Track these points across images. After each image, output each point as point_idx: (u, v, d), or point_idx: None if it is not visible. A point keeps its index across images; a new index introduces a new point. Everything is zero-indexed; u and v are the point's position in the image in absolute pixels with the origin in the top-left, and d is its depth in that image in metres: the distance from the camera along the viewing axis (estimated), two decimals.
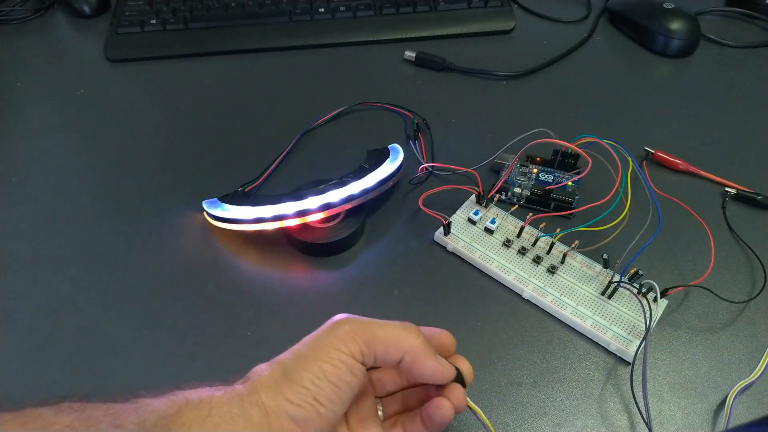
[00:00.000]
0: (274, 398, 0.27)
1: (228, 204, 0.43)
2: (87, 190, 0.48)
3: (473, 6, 0.64)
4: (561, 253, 0.41)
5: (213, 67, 0.60)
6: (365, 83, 0.58)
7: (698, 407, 0.35)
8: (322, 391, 0.27)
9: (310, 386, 0.27)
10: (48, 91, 0.58)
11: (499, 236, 0.43)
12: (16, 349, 0.38)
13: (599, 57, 0.61)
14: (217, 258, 0.43)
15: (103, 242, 0.44)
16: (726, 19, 0.66)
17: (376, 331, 0.29)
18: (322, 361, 0.28)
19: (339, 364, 0.28)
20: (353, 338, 0.29)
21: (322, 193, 0.41)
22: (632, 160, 0.40)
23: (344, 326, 0.29)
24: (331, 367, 0.28)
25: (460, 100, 0.56)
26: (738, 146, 0.51)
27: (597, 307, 0.39)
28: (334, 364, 0.28)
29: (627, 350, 0.36)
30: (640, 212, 0.40)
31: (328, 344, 0.28)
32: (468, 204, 0.45)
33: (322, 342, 0.29)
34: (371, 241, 0.44)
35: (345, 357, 0.28)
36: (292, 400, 0.27)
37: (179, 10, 0.64)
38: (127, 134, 0.53)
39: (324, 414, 0.27)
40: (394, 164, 0.45)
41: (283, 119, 0.54)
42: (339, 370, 0.28)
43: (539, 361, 0.37)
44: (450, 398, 0.30)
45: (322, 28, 0.63)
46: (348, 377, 0.28)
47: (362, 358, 0.29)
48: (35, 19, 0.67)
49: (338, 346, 0.28)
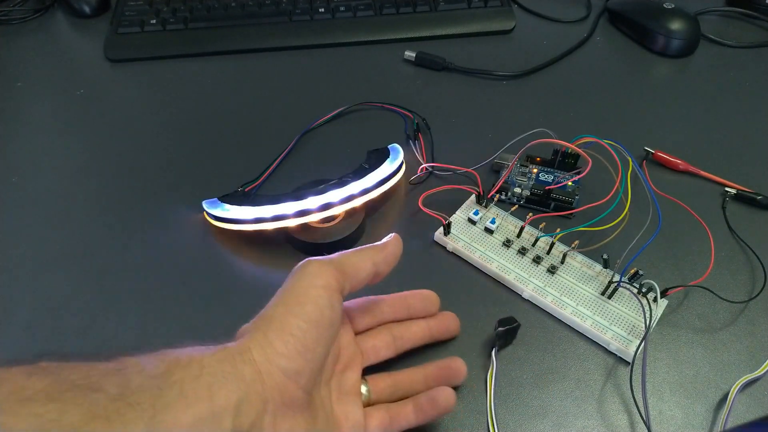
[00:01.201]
0: (265, 353, 0.27)
1: (228, 204, 0.43)
2: (87, 190, 0.48)
3: (473, 6, 0.64)
4: (561, 253, 0.41)
5: (213, 67, 0.60)
6: (365, 83, 0.58)
7: (698, 407, 0.35)
8: (308, 334, 0.27)
9: (296, 332, 0.27)
10: (48, 91, 0.58)
11: (499, 236, 0.43)
12: (16, 349, 0.38)
13: (599, 57, 0.61)
14: (217, 258, 0.43)
15: (103, 242, 0.44)
16: (726, 19, 0.66)
17: (341, 257, 0.31)
18: (302, 303, 0.28)
19: (318, 300, 0.28)
20: (324, 270, 0.29)
21: (322, 193, 0.41)
22: (632, 160, 0.40)
23: (312, 264, 0.30)
24: (312, 306, 0.28)
25: (460, 100, 0.56)
26: (738, 146, 0.51)
27: (597, 307, 0.39)
28: (314, 302, 0.28)
29: (627, 350, 0.36)
30: (640, 212, 0.40)
31: (305, 284, 0.29)
32: (468, 204, 0.45)
33: (298, 284, 0.29)
34: (371, 241, 0.44)
35: (322, 291, 0.29)
36: (281, 352, 0.27)
37: (179, 10, 0.64)
38: (127, 134, 0.53)
39: (311, 361, 0.28)
40: (394, 164, 0.45)
41: (283, 119, 0.54)
42: (319, 306, 0.28)
43: (539, 361, 0.37)
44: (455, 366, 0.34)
45: (322, 28, 0.63)
46: (327, 312, 0.28)
47: (337, 284, 0.29)
48: (35, 19, 0.67)
49: (314, 282, 0.29)
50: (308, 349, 0.27)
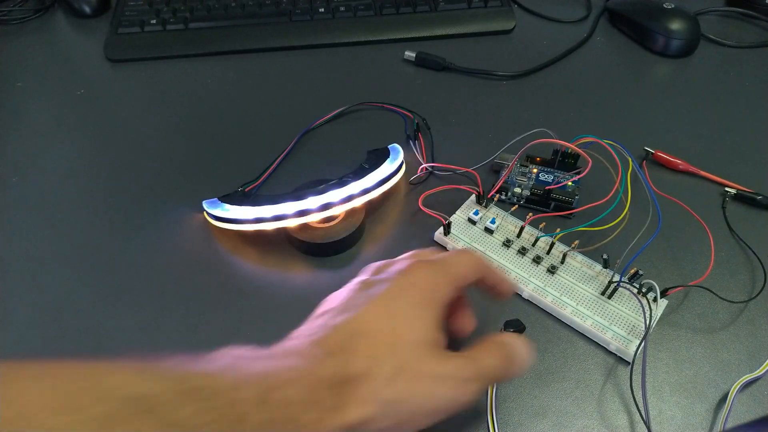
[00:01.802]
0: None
1: (228, 204, 0.43)
2: (87, 190, 0.48)
3: (473, 6, 0.64)
4: (561, 253, 0.41)
5: (213, 67, 0.60)
6: (365, 83, 0.58)
7: (698, 407, 0.35)
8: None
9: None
10: (48, 91, 0.58)
11: (499, 236, 0.43)
12: (16, 349, 0.38)
13: (599, 57, 0.61)
14: (217, 258, 0.43)
15: (102, 242, 0.44)
16: (726, 19, 0.66)
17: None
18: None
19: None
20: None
21: (322, 193, 0.41)
22: (632, 160, 0.40)
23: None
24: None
25: (460, 100, 0.56)
26: (738, 146, 0.51)
27: (597, 307, 0.39)
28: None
29: (627, 350, 0.36)
30: (640, 212, 0.40)
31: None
32: (468, 204, 0.45)
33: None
34: (371, 241, 0.44)
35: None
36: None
37: (179, 10, 0.64)
38: (127, 134, 0.53)
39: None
40: (394, 164, 0.45)
41: (283, 119, 0.54)
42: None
43: (539, 361, 0.37)
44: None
45: (322, 28, 0.63)
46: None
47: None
48: (35, 19, 0.67)
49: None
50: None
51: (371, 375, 0.25)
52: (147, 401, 0.20)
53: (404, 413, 0.25)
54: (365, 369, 0.25)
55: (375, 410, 0.24)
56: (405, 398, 0.25)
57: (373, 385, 0.25)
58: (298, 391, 0.23)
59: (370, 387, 0.25)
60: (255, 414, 0.22)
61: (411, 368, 0.26)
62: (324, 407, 0.24)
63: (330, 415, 0.24)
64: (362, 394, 0.24)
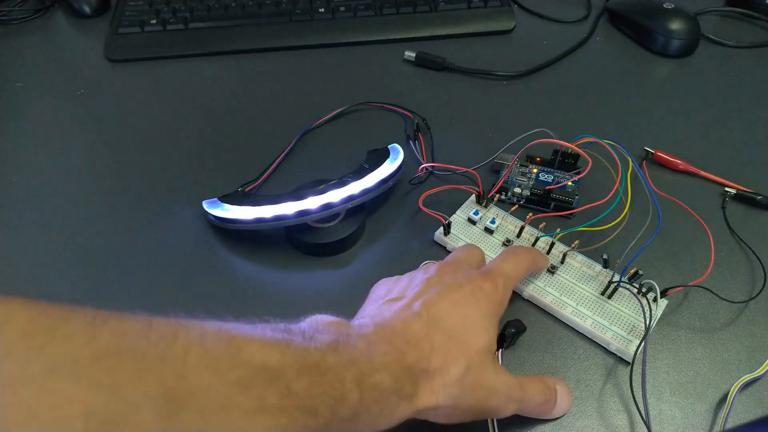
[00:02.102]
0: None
1: (228, 204, 0.43)
2: (87, 190, 0.48)
3: (473, 6, 0.64)
4: (561, 253, 0.41)
5: (213, 67, 0.60)
6: (365, 83, 0.58)
7: (698, 407, 0.35)
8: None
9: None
10: (48, 91, 0.58)
11: (499, 236, 0.43)
12: None
13: (599, 57, 0.61)
14: (217, 258, 0.43)
15: (102, 242, 0.44)
16: (726, 19, 0.66)
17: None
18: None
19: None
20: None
21: (322, 193, 0.41)
22: (632, 160, 0.40)
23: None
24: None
25: (460, 100, 0.56)
26: (738, 146, 0.51)
27: (597, 307, 0.39)
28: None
29: (627, 350, 0.36)
30: (640, 212, 0.40)
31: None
32: (468, 204, 0.45)
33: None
34: (371, 241, 0.44)
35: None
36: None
37: (179, 10, 0.64)
38: (127, 134, 0.53)
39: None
40: (394, 164, 0.45)
41: (283, 119, 0.54)
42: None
43: (539, 361, 0.37)
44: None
45: (322, 28, 0.63)
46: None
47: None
48: (35, 19, 0.67)
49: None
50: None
51: (445, 371, 0.28)
52: (273, 371, 0.23)
53: (460, 408, 0.29)
54: (440, 364, 0.28)
55: (441, 401, 0.28)
56: (465, 397, 0.29)
57: (445, 379, 0.28)
58: (387, 378, 0.26)
59: (442, 380, 0.28)
60: (352, 393, 0.25)
61: (475, 373, 0.29)
62: (404, 393, 0.27)
63: (407, 401, 0.27)
64: (435, 386, 0.28)
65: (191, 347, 0.21)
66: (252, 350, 0.23)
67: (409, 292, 0.32)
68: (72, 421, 0.17)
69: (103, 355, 0.19)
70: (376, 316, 0.31)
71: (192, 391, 0.20)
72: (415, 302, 0.31)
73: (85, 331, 0.20)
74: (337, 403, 0.24)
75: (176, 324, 0.22)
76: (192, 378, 0.20)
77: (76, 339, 0.19)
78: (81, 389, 0.18)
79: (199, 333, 0.22)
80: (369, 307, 0.33)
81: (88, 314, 0.21)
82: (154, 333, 0.21)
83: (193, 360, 0.21)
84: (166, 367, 0.20)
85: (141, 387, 0.19)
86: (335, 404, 0.24)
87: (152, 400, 0.19)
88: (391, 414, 0.27)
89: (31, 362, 0.18)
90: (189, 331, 0.22)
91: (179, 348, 0.21)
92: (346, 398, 0.24)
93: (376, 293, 0.35)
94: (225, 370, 0.21)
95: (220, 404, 0.20)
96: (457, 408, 0.29)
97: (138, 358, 0.20)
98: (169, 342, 0.21)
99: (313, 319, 0.28)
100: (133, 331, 0.21)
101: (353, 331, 0.28)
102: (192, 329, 0.22)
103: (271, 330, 0.25)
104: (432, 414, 0.29)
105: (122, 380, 0.19)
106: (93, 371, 0.18)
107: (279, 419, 0.22)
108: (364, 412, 0.25)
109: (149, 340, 0.21)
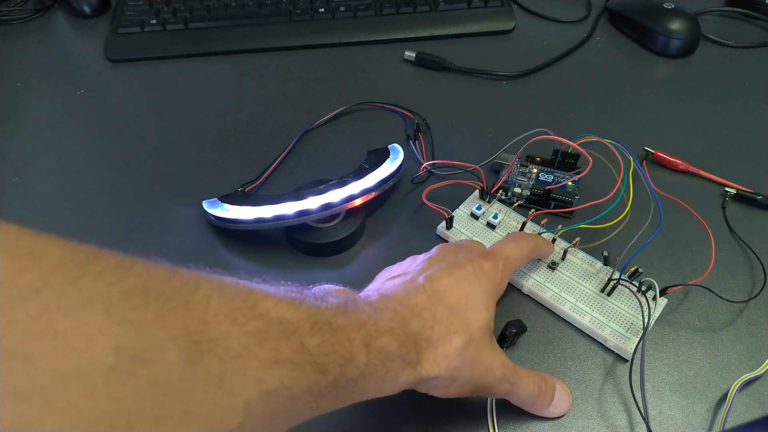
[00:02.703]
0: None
1: (228, 204, 0.43)
2: (87, 190, 0.48)
3: (473, 6, 0.64)
4: (562, 250, 0.41)
5: (213, 67, 0.60)
6: (365, 83, 0.58)
7: (698, 407, 0.35)
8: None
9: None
10: (48, 91, 0.58)
11: (501, 231, 0.43)
12: None
13: (599, 57, 0.61)
14: (217, 258, 0.43)
15: (102, 242, 0.44)
16: (726, 19, 0.66)
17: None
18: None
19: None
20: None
21: (322, 193, 0.41)
22: (633, 158, 0.40)
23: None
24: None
25: (460, 100, 0.56)
26: (738, 146, 0.51)
27: (596, 304, 0.39)
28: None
29: (624, 347, 0.36)
30: (641, 211, 0.40)
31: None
32: (471, 199, 0.45)
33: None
34: (371, 241, 0.44)
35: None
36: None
37: (179, 10, 0.64)
38: (127, 134, 0.53)
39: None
40: (394, 164, 0.45)
41: (283, 119, 0.54)
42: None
43: (539, 360, 0.37)
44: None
45: (322, 28, 0.63)
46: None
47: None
48: (35, 19, 0.67)
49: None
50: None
51: (447, 342, 0.29)
52: (288, 325, 0.23)
53: (458, 381, 0.29)
54: (443, 335, 0.29)
55: (442, 371, 0.28)
56: (465, 369, 0.29)
57: (447, 349, 0.29)
58: (392, 342, 0.27)
59: (444, 351, 0.29)
60: (360, 354, 0.25)
61: (475, 347, 0.30)
62: (408, 359, 0.27)
63: (411, 367, 0.27)
64: (437, 355, 0.28)
65: (213, 295, 0.22)
66: (269, 304, 0.23)
67: (413, 269, 0.33)
68: (104, 354, 0.17)
69: (133, 293, 0.19)
70: (380, 288, 0.31)
71: (213, 336, 0.20)
72: (418, 277, 0.31)
73: (116, 269, 0.20)
74: (346, 362, 0.24)
75: (197, 274, 0.23)
76: (213, 324, 0.21)
77: (107, 276, 0.19)
78: (112, 324, 0.18)
79: (218, 284, 0.23)
80: (373, 285, 0.34)
81: (117, 255, 0.21)
82: (178, 279, 0.21)
83: (214, 308, 0.21)
84: (190, 311, 0.20)
85: (167, 328, 0.19)
86: (344, 363, 0.24)
87: (177, 341, 0.19)
88: (396, 378, 0.27)
89: (67, 294, 0.18)
90: (210, 281, 0.23)
91: (201, 295, 0.21)
92: (354, 358, 0.25)
93: (380, 276, 0.36)
94: (244, 321, 0.22)
95: (238, 352, 0.21)
96: (456, 380, 0.29)
97: (164, 300, 0.20)
98: (192, 289, 0.21)
99: (320, 287, 0.29)
100: (159, 275, 0.21)
101: (359, 298, 0.29)
102: (212, 280, 0.23)
103: (284, 289, 0.25)
104: (432, 385, 0.29)
105: (150, 319, 0.19)
106: (123, 308, 0.19)
107: (291, 372, 0.22)
108: (371, 374, 0.26)
109: (174, 285, 0.21)
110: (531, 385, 0.33)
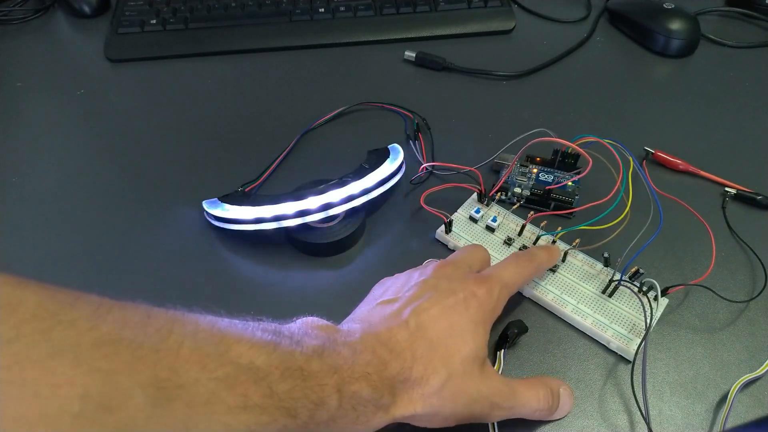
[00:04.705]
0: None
1: (228, 204, 0.42)
2: (87, 190, 0.48)
3: (473, 6, 0.64)
4: (562, 252, 0.41)
5: (213, 67, 0.60)
6: (365, 83, 0.58)
7: (698, 407, 0.35)
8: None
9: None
10: (48, 91, 0.58)
11: (500, 234, 0.43)
12: None
13: (599, 57, 0.61)
14: (217, 258, 0.43)
15: (102, 242, 0.44)
16: (726, 19, 0.66)
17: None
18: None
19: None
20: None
21: (322, 193, 0.41)
22: (633, 159, 0.40)
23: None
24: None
25: (460, 100, 0.56)
26: (738, 146, 0.51)
27: (597, 306, 0.39)
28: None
29: (627, 348, 0.36)
30: (641, 212, 0.40)
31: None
32: (470, 202, 0.45)
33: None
34: (371, 241, 0.44)
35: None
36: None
37: (179, 10, 0.64)
38: (127, 134, 0.53)
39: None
40: (394, 164, 0.45)
41: (283, 119, 0.54)
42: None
43: (540, 361, 0.37)
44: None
45: (322, 28, 0.63)
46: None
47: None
48: (35, 19, 0.67)
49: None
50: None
51: (424, 381, 0.29)
52: (258, 372, 0.23)
53: (440, 415, 0.29)
54: (421, 374, 0.29)
55: (419, 409, 0.29)
56: (445, 405, 0.29)
57: (425, 389, 0.29)
58: (366, 387, 0.27)
59: (422, 390, 0.29)
60: (331, 399, 0.25)
61: (456, 382, 0.29)
62: (381, 403, 0.28)
63: (384, 410, 0.28)
64: (413, 396, 0.29)
65: (185, 342, 0.22)
66: (241, 350, 0.24)
67: (403, 294, 0.33)
68: (70, 402, 0.18)
69: (104, 342, 0.20)
70: (365, 320, 0.31)
71: (181, 383, 0.21)
72: (405, 309, 0.31)
73: (89, 318, 0.21)
74: (316, 407, 0.25)
75: (173, 317, 0.23)
76: (182, 371, 0.21)
77: (79, 325, 0.20)
78: (81, 372, 0.19)
79: (193, 329, 0.23)
80: (362, 308, 0.34)
81: (93, 301, 0.22)
82: (152, 325, 0.22)
83: (185, 354, 0.22)
84: (160, 359, 0.21)
85: (135, 375, 0.20)
86: (314, 408, 0.25)
87: (144, 388, 0.20)
88: (368, 421, 0.27)
89: (38, 344, 0.19)
90: (184, 325, 0.23)
91: (173, 342, 0.22)
92: (324, 403, 0.25)
93: (373, 293, 0.36)
94: (213, 367, 0.22)
95: (206, 399, 0.21)
96: (437, 415, 0.29)
97: (135, 348, 0.21)
98: (165, 335, 0.22)
99: (303, 321, 0.29)
100: (133, 322, 0.22)
101: (340, 337, 0.28)
102: (187, 324, 0.23)
103: (261, 331, 0.25)
104: (410, 420, 0.29)
105: (118, 367, 0.20)
106: (93, 357, 0.19)
107: (260, 417, 0.23)
108: (342, 417, 0.26)
109: (147, 332, 0.22)
110: (533, 402, 0.32)
